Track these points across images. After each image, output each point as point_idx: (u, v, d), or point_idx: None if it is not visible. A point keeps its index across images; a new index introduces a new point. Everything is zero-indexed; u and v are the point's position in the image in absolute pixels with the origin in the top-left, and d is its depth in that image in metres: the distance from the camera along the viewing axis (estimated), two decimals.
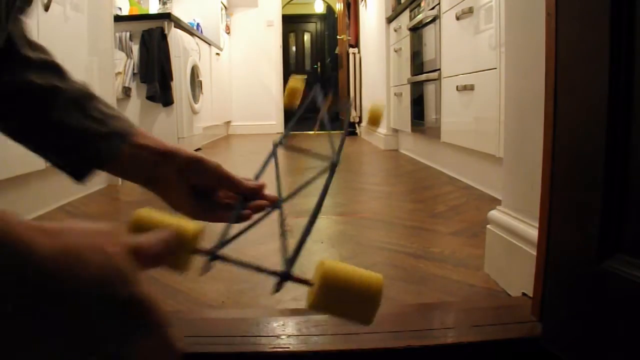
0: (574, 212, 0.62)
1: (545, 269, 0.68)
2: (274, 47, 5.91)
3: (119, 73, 3.09)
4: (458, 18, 2.10)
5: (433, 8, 2.46)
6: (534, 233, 0.77)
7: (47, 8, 1.68)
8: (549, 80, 0.66)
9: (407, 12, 3.03)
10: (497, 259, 1.00)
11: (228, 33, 5.78)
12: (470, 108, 2.04)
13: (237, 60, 5.86)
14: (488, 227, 1.02)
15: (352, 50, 5.12)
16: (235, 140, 4.98)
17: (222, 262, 0.33)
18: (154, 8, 4.49)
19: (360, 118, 4.98)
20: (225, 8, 5.63)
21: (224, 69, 5.37)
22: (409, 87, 3.05)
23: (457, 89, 2.15)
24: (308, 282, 0.32)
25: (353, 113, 4.95)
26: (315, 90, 0.65)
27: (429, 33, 2.58)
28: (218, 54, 4.95)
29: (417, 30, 2.85)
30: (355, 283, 0.31)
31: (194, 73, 3.78)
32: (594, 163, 0.57)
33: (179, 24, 3.48)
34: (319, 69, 8.87)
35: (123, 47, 3.16)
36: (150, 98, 3.20)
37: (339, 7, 6.02)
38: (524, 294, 0.83)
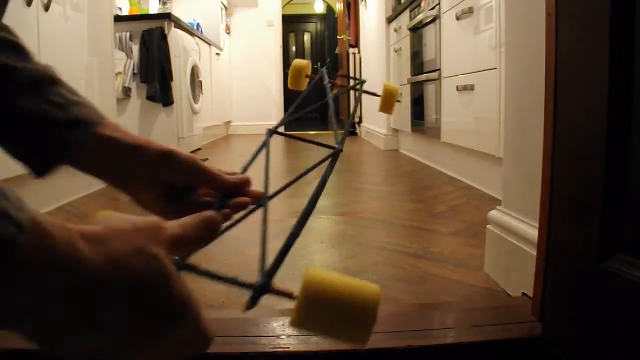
0: (574, 212, 0.62)
1: (545, 269, 0.68)
2: (274, 47, 5.91)
3: (119, 73, 3.09)
4: (458, 18, 2.10)
5: (433, 8, 2.46)
6: (534, 233, 0.77)
7: (47, 8, 1.69)
8: (549, 80, 0.66)
9: (407, 12, 3.03)
10: (497, 259, 1.00)
11: (228, 33, 5.78)
12: (470, 108, 2.04)
13: (237, 60, 5.86)
14: (488, 227, 1.02)
15: (352, 50, 5.12)
16: (235, 140, 4.98)
17: (190, 272, 0.29)
18: (154, 8, 4.50)
19: (360, 118, 4.98)
20: (225, 8, 5.63)
21: (224, 69, 5.37)
22: (409, 87, 3.05)
23: (457, 89, 2.15)
24: (291, 295, 0.28)
25: None
26: (322, 72, 0.60)
27: (429, 33, 2.58)
28: (218, 54, 4.95)
29: (417, 30, 2.85)
30: (347, 296, 0.27)
31: (194, 73, 3.78)
32: (594, 163, 0.57)
33: (179, 24, 3.48)
34: (318, 67, 8.88)
35: (123, 47, 3.16)
36: (150, 98, 3.20)
37: (339, 7, 6.02)
38: (524, 294, 0.83)
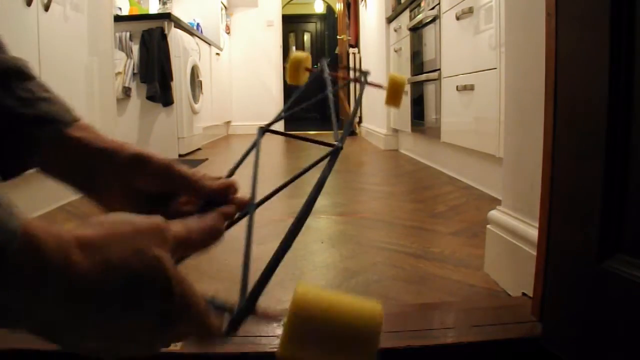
0: (574, 212, 0.62)
1: (545, 269, 0.68)
2: (274, 47, 5.91)
3: (119, 73, 3.09)
4: (458, 18, 2.10)
5: (433, 8, 2.46)
6: (534, 233, 0.77)
7: (47, 8, 1.69)
8: (549, 80, 0.66)
9: (407, 12, 3.03)
10: (497, 259, 1.00)
11: (228, 33, 5.78)
12: (470, 108, 2.04)
13: (237, 60, 5.86)
14: (488, 227, 1.02)
15: (352, 50, 5.12)
16: (236, 140, 4.98)
17: None
18: (154, 8, 4.50)
19: (360, 118, 4.98)
20: (225, 8, 5.63)
21: (224, 69, 5.37)
22: (409, 87, 3.05)
23: (457, 89, 2.15)
24: (278, 317, 0.24)
25: None
26: (323, 64, 0.55)
27: (429, 33, 2.58)
28: (218, 54, 4.95)
29: (417, 30, 2.85)
30: (344, 320, 0.22)
31: (194, 73, 3.78)
32: (594, 163, 0.57)
33: (179, 24, 3.48)
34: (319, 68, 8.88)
35: (123, 47, 3.16)
36: (150, 98, 3.20)
37: (339, 7, 6.02)
38: (524, 294, 0.83)
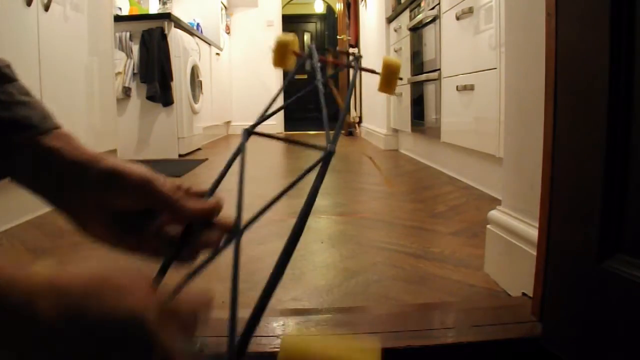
0: (574, 212, 0.62)
1: (545, 269, 0.68)
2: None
3: (119, 73, 3.09)
4: (458, 18, 2.10)
5: (433, 8, 2.46)
6: (534, 233, 0.76)
7: (47, 8, 1.69)
8: (549, 80, 0.66)
9: (407, 12, 3.03)
10: (497, 259, 1.00)
11: (228, 33, 5.78)
12: (470, 108, 2.04)
13: (237, 60, 5.86)
14: (488, 227, 1.02)
15: (352, 50, 5.12)
16: (236, 140, 4.98)
17: None
18: (154, 8, 4.50)
19: (360, 118, 4.98)
20: (225, 8, 5.63)
21: (224, 69, 5.37)
22: (409, 87, 3.05)
23: (457, 89, 2.15)
24: None
25: (353, 113, 4.95)
26: (312, 50, 0.51)
27: (429, 33, 2.58)
28: (218, 54, 4.95)
29: (417, 30, 2.85)
30: None
31: (194, 73, 3.78)
32: (594, 163, 0.57)
33: (179, 24, 3.48)
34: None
35: (123, 47, 3.16)
36: (150, 98, 3.20)
37: (339, 7, 6.02)
38: (524, 294, 0.83)
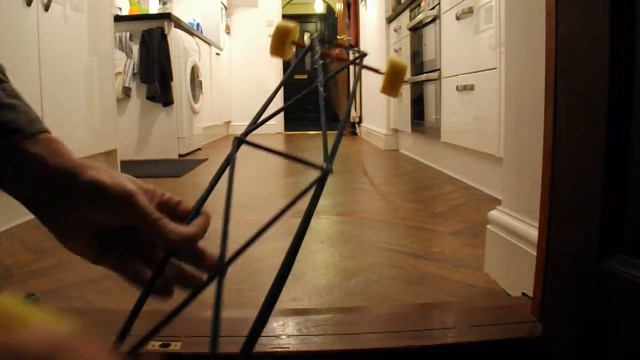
0: (574, 212, 0.62)
1: (545, 269, 0.68)
2: None
3: (119, 73, 3.09)
4: (458, 18, 2.10)
5: (433, 8, 2.46)
6: (534, 233, 0.76)
7: (47, 8, 1.68)
8: (549, 80, 0.66)
9: (407, 12, 3.03)
10: (497, 259, 1.00)
11: (228, 33, 5.78)
12: (470, 108, 2.04)
13: (237, 60, 5.86)
14: (488, 227, 1.02)
15: (352, 50, 5.11)
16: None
17: None
18: (154, 8, 4.50)
19: (360, 118, 4.98)
20: (225, 8, 5.63)
21: (224, 69, 5.37)
22: (409, 87, 3.05)
23: (457, 89, 2.15)
24: None
25: (353, 113, 4.95)
26: (314, 43, 0.48)
27: (429, 33, 2.58)
28: (218, 54, 4.95)
29: (417, 30, 2.85)
30: None
31: (194, 73, 3.78)
32: (594, 163, 0.57)
33: (179, 24, 3.48)
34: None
35: (123, 47, 3.16)
36: (150, 98, 3.20)
37: (339, 7, 6.01)
38: (524, 294, 0.83)
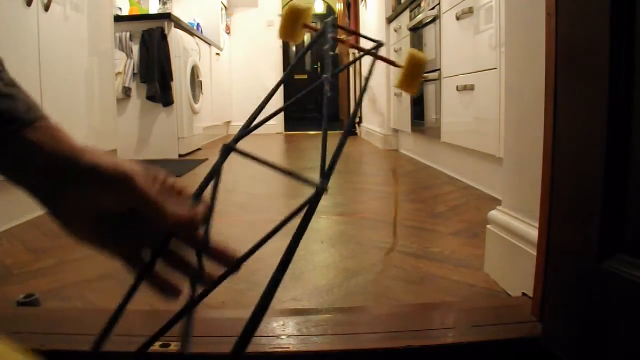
0: (574, 212, 0.62)
1: (545, 269, 0.68)
2: (274, 47, 5.91)
3: (119, 73, 3.09)
4: (458, 18, 2.10)
5: (433, 8, 2.46)
6: (534, 233, 0.76)
7: (47, 8, 1.68)
8: (549, 80, 0.66)
9: (407, 12, 3.03)
10: (497, 259, 1.00)
11: (228, 33, 5.78)
12: (470, 108, 2.04)
13: (237, 60, 5.86)
14: (488, 227, 1.02)
15: (352, 51, 5.12)
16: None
17: None
18: (154, 8, 4.50)
19: (360, 118, 4.98)
20: (225, 8, 5.63)
21: (224, 69, 5.37)
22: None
23: (457, 89, 2.15)
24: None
25: None
26: (327, 26, 0.44)
27: (429, 33, 2.58)
28: (218, 54, 4.95)
29: (417, 30, 2.85)
30: None
31: (194, 73, 3.78)
32: (594, 163, 0.57)
33: (179, 24, 3.48)
34: (319, 69, 8.88)
35: (123, 47, 3.16)
36: (150, 98, 3.20)
37: (339, 7, 6.02)
38: (524, 294, 0.83)
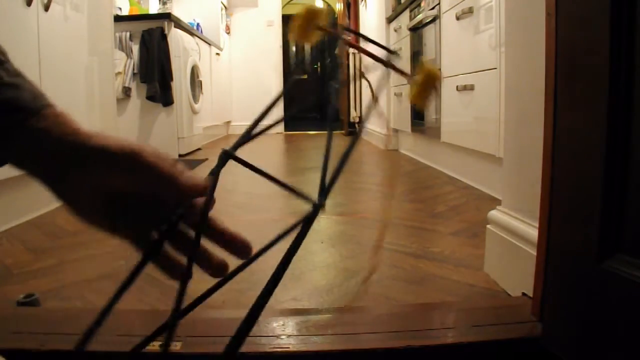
0: (574, 212, 0.62)
1: (545, 269, 0.68)
2: (274, 47, 5.91)
3: (119, 73, 3.09)
4: (458, 18, 2.10)
5: (433, 8, 2.46)
6: (534, 233, 0.76)
7: (47, 8, 1.68)
8: (549, 80, 0.66)
9: (407, 12, 3.03)
10: (497, 259, 1.00)
11: (228, 33, 5.78)
12: (470, 108, 2.04)
13: (237, 60, 5.86)
14: (488, 227, 1.02)
15: (352, 50, 5.12)
16: (235, 141, 4.98)
17: None
18: (154, 8, 4.50)
19: (360, 118, 4.98)
20: (225, 8, 5.63)
21: (224, 69, 5.37)
22: (409, 87, 3.04)
23: (457, 89, 2.15)
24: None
25: (353, 113, 4.95)
26: (340, 30, 0.41)
27: (429, 33, 2.58)
28: (218, 54, 4.95)
29: (417, 30, 2.85)
30: None
31: (194, 73, 3.78)
32: (594, 163, 0.57)
33: (179, 24, 3.48)
34: (319, 69, 8.88)
35: (123, 47, 3.16)
36: (150, 98, 3.20)
37: (339, 7, 6.01)
38: (524, 294, 0.83)
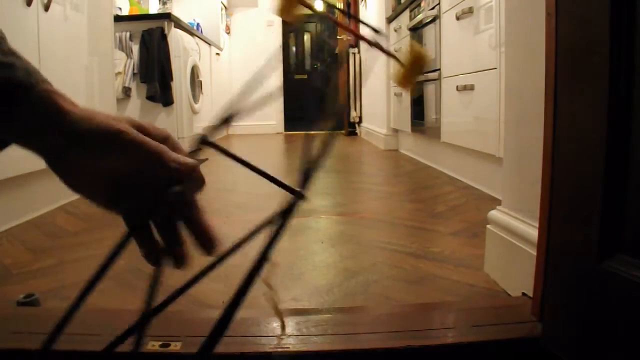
0: (574, 212, 0.62)
1: (545, 269, 0.68)
2: (274, 47, 5.92)
3: (119, 73, 3.09)
4: (458, 18, 2.10)
5: (433, 8, 2.46)
6: (534, 233, 0.76)
7: (47, 8, 1.68)
8: (549, 80, 0.66)
9: (407, 12, 3.03)
10: (497, 259, 1.00)
11: (228, 33, 5.78)
12: (470, 108, 2.04)
13: (237, 60, 5.87)
14: (488, 227, 1.02)
15: (352, 51, 5.12)
16: (236, 141, 4.98)
17: None
18: (154, 8, 4.50)
19: (360, 118, 4.98)
20: (225, 8, 5.64)
21: (224, 69, 5.37)
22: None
23: (457, 89, 2.15)
24: None
25: (353, 113, 4.95)
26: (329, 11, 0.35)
27: (429, 33, 2.58)
28: (218, 54, 4.95)
29: (417, 30, 2.85)
30: None
31: (194, 73, 3.78)
32: (594, 163, 0.57)
33: (179, 24, 3.48)
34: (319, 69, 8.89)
35: (123, 47, 3.16)
36: (150, 98, 3.20)
37: (339, 7, 6.01)
38: (524, 294, 0.83)
